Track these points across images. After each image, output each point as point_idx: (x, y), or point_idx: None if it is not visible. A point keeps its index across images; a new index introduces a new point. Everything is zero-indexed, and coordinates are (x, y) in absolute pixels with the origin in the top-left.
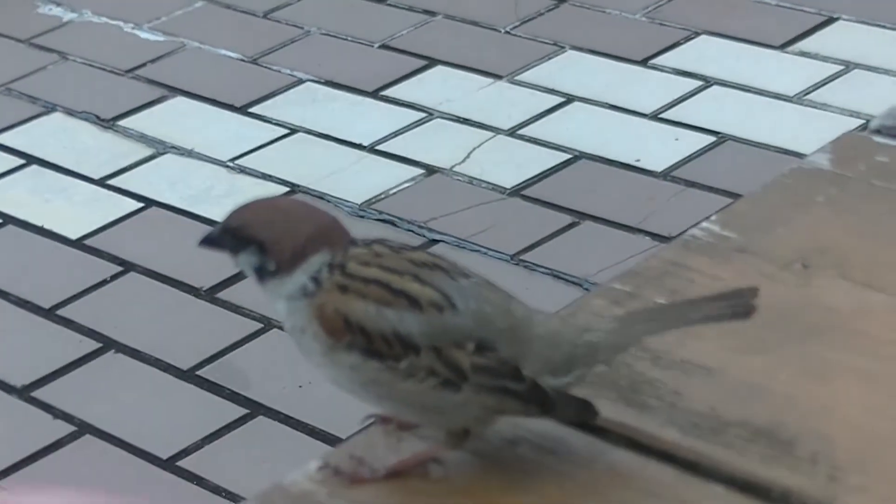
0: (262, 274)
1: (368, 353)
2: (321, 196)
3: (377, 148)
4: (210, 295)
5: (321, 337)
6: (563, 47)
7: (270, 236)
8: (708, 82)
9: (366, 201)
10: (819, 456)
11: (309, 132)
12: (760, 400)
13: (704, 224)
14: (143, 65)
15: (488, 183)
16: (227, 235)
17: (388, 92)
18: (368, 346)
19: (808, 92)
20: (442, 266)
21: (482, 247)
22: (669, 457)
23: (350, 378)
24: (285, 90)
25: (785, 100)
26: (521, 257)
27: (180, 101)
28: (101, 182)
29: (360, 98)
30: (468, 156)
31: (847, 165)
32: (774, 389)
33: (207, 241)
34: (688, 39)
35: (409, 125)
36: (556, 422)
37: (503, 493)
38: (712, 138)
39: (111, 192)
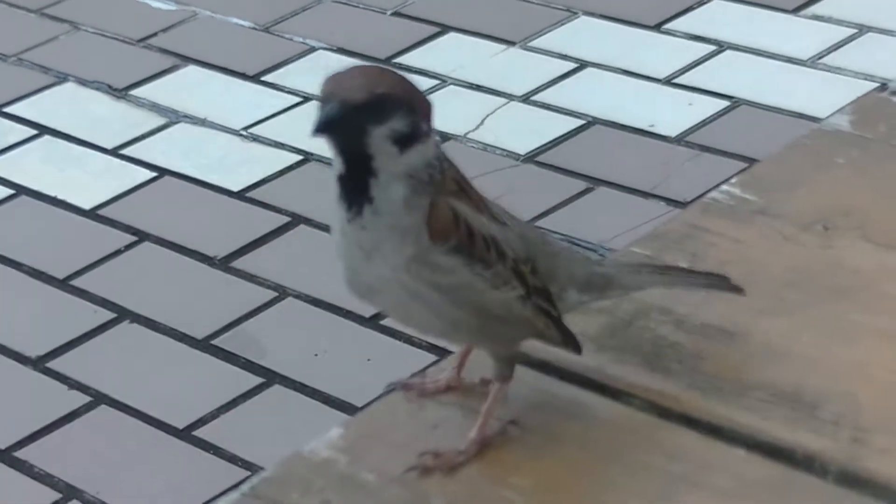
0: (409, 142)
1: (470, 257)
2: None
3: None
4: (224, 264)
5: (423, 240)
6: (575, 13)
7: (416, 96)
8: (721, 47)
9: None
10: (843, 418)
11: None
12: (783, 363)
13: (724, 187)
14: (155, 34)
15: (502, 149)
16: (368, 108)
17: (401, 59)
18: (471, 250)
19: (821, 55)
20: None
21: None
22: (692, 420)
23: (438, 284)
24: (298, 58)
25: (798, 63)
26: (536, 223)
27: (193, 70)
28: (114, 152)
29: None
30: (482, 122)
31: (867, 127)
32: (797, 352)
33: (326, 125)
34: (701, 4)
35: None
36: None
37: (528, 457)
38: (726, 103)
39: (124, 162)
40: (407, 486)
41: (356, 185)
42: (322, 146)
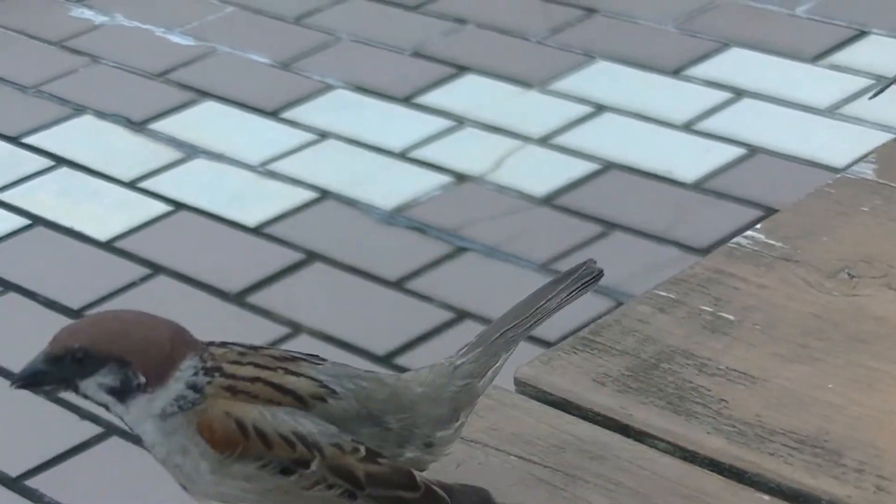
0: (125, 393)
1: (266, 461)
2: (351, 202)
3: (408, 155)
4: (239, 299)
5: (208, 453)
6: (593, 57)
7: (131, 347)
8: (739, 94)
9: (396, 208)
10: (866, 466)
11: (339, 138)
12: (806, 409)
13: (749, 232)
14: (174, 69)
15: (518, 191)
16: (68, 361)
17: (419, 99)
18: (266, 453)
19: (839, 105)
20: (300, 356)
21: (512, 255)
22: (716, 464)
23: (245, 491)
24: (316, 96)
25: (816, 113)
26: (551, 266)
27: (211, 105)
28: (131, 185)
29: (390, 105)
30: (498, 164)
31: (891, 175)
32: (820, 398)
33: (30, 378)
34: (720, 51)
35: (439, 132)
36: None
37: (549, 499)
38: (743, 150)
39: (141, 195)
40: None
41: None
42: (339, 185)
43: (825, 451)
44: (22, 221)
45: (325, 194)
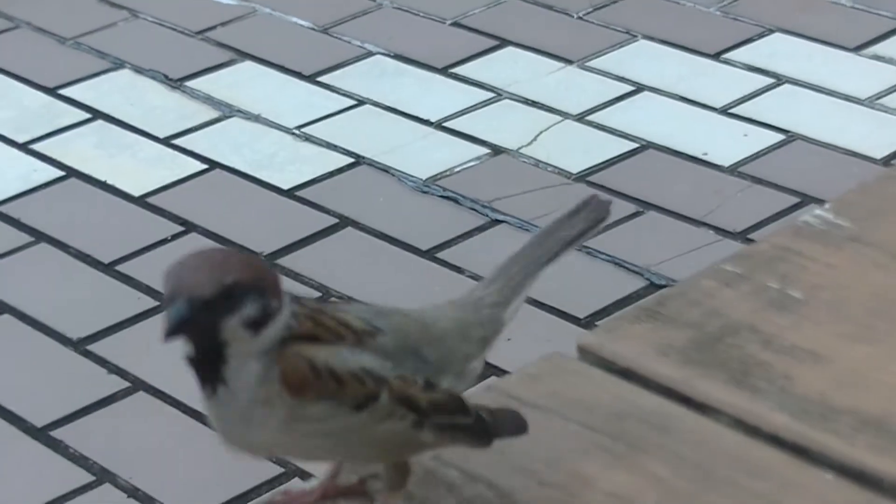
0: (263, 321)
1: (339, 400)
2: (385, 169)
3: (444, 125)
4: (271, 260)
5: (283, 400)
6: (635, 36)
7: (261, 274)
8: (779, 80)
9: (430, 177)
10: None
11: (376, 105)
12: (870, 389)
13: (818, 211)
14: (214, 27)
15: (554, 167)
16: (218, 300)
17: (458, 70)
18: (338, 392)
19: (880, 96)
20: (336, 299)
21: None
22: (779, 440)
23: (318, 431)
24: (354, 61)
25: (856, 102)
26: (584, 243)
27: (249, 65)
28: (166, 141)
29: (429, 74)
30: (535, 138)
31: None
32: (884, 380)
33: (183, 325)
34: (761, 36)
35: (477, 104)
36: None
37: (609, 467)
38: (781, 136)
39: (176, 152)
40: None
41: (208, 368)
42: (374, 151)
43: (887, 433)
44: (56, 173)
45: (359, 160)
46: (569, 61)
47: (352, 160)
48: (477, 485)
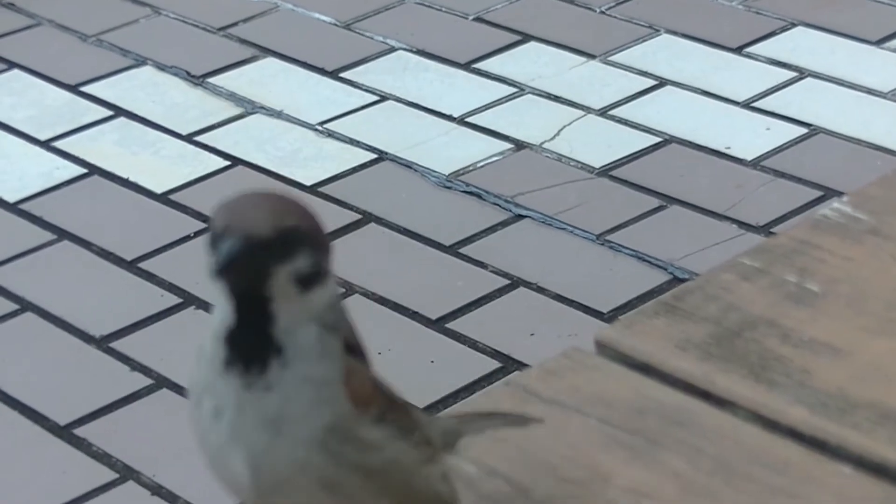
0: (310, 283)
1: (397, 428)
2: (408, 165)
3: (467, 120)
4: None
5: (342, 402)
6: (657, 30)
7: (321, 230)
8: (802, 74)
9: (453, 172)
10: None
11: (399, 100)
12: (889, 383)
13: (836, 204)
14: (236, 23)
15: (577, 161)
16: (275, 244)
17: (481, 65)
18: (394, 419)
19: None
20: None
21: (568, 224)
22: (798, 434)
23: (362, 466)
24: (377, 57)
25: (879, 96)
26: (607, 237)
27: (271, 61)
28: (189, 138)
29: (451, 69)
30: (558, 133)
31: None
32: None
33: (236, 262)
34: (783, 30)
35: (499, 99)
36: None
37: (628, 462)
38: (804, 130)
39: (198, 149)
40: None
41: (253, 339)
42: (397, 147)
43: None
44: (79, 170)
45: (382, 156)
46: (591, 56)
47: (375, 156)
48: (495, 479)
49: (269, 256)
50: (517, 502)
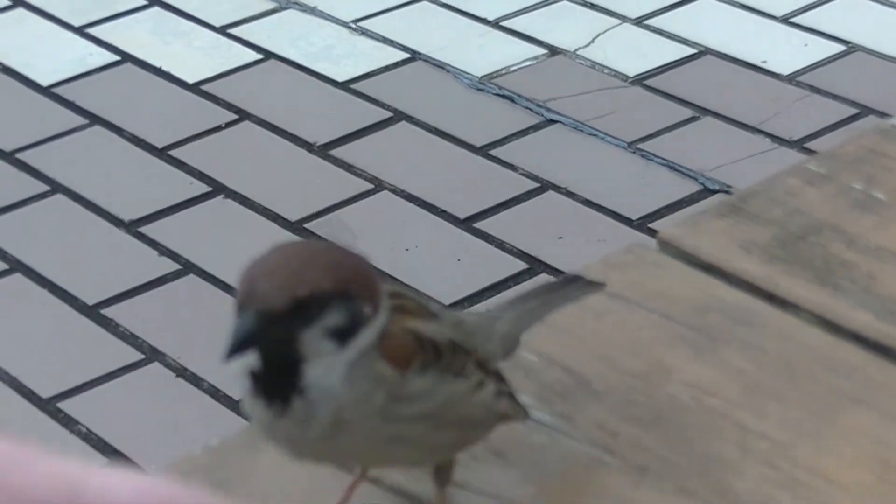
0: (351, 332)
1: (441, 370)
2: (441, 66)
3: (501, 24)
4: (323, 151)
5: (388, 378)
6: None
7: (349, 276)
8: None
9: (486, 75)
10: None
11: (434, 1)
12: None
13: None
14: None
15: (611, 69)
16: (293, 313)
17: None
18: (438, 363)
19: None
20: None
21: (600, 131)
22: (861, 339)
23: (419, 413)
24: None
25: None
26: (639, 146)
27: None
28: (222, 30)
29: None
30: (593, 40)
31: None
32: None
33: (245, 344)
34: None
35: (535, 4)
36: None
37: (689, 359)
38: (842, 47)
39: (231, 41)
40: None
41: (278, 381)
42: (430, 48)
43: None
44: (112, 57)
45: (415, 56)
46: None
47: (408, 55)
48: (555, 369)
49: (289, 327)
50: (577, 393)
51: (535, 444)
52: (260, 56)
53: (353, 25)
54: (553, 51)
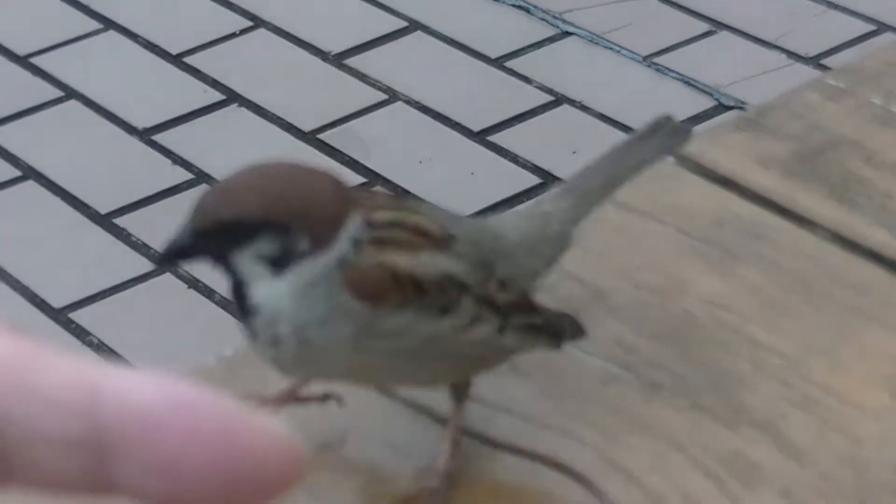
0: (284, 262)
1: (421, 308)
2: None
3: None
4: (338, 60)
5: (356, 312)
6: None
7: (290, 208)
8: None
9: None
10: None
11: None
12: None
13: None
14: None
15: None
16: (219, 233)
17: None
18: (422, 300)
19: None
20: (411, 200)
21: (615, 44)
22: (877, 256)
23: (396, 348)
24: None
25: None
26: (654, 59)
27: None
28: None
29: None
30: None
31: None
32: None
33: (175, 253)
34: None
35: None
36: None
37: (704, 273)
38: None
39: None
40: None
41: (238, 300)
42: None
43: None
44: None
45: None
46: None
47: None
48: (570, 282)
49: (219, 246)
50: (592, 306)
51: (551, 359)
52: None
53: None
54: None
